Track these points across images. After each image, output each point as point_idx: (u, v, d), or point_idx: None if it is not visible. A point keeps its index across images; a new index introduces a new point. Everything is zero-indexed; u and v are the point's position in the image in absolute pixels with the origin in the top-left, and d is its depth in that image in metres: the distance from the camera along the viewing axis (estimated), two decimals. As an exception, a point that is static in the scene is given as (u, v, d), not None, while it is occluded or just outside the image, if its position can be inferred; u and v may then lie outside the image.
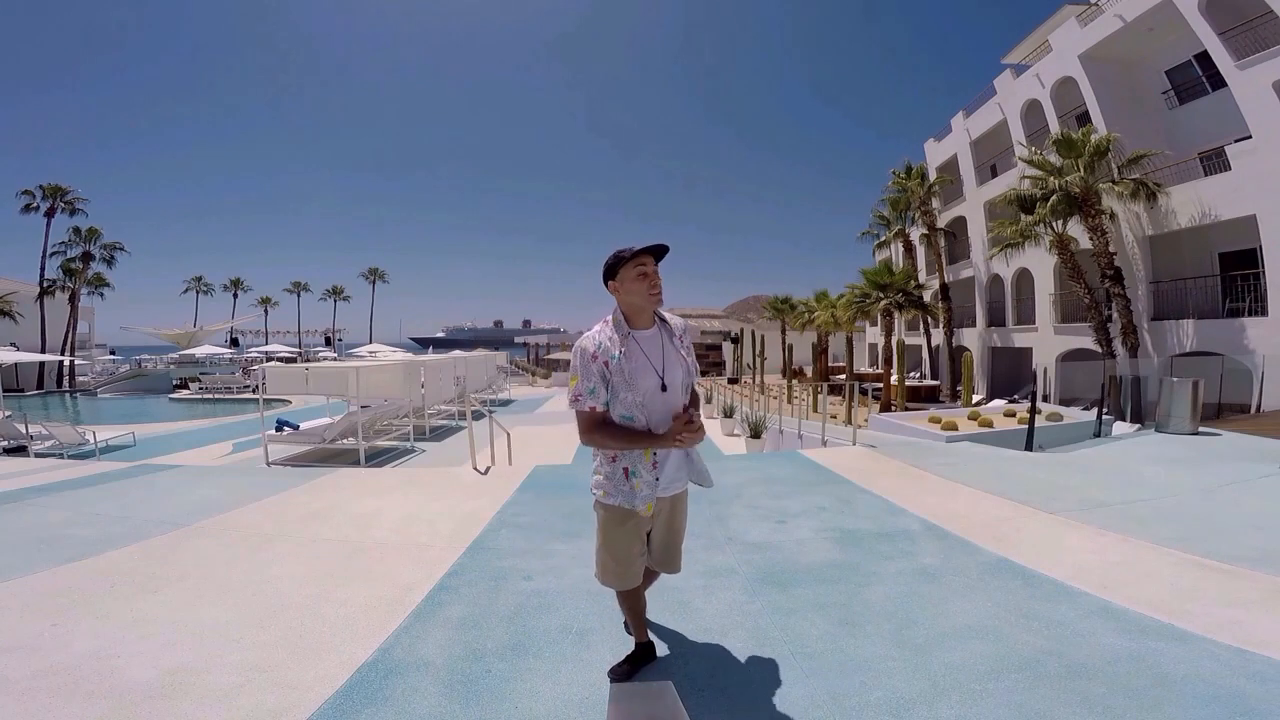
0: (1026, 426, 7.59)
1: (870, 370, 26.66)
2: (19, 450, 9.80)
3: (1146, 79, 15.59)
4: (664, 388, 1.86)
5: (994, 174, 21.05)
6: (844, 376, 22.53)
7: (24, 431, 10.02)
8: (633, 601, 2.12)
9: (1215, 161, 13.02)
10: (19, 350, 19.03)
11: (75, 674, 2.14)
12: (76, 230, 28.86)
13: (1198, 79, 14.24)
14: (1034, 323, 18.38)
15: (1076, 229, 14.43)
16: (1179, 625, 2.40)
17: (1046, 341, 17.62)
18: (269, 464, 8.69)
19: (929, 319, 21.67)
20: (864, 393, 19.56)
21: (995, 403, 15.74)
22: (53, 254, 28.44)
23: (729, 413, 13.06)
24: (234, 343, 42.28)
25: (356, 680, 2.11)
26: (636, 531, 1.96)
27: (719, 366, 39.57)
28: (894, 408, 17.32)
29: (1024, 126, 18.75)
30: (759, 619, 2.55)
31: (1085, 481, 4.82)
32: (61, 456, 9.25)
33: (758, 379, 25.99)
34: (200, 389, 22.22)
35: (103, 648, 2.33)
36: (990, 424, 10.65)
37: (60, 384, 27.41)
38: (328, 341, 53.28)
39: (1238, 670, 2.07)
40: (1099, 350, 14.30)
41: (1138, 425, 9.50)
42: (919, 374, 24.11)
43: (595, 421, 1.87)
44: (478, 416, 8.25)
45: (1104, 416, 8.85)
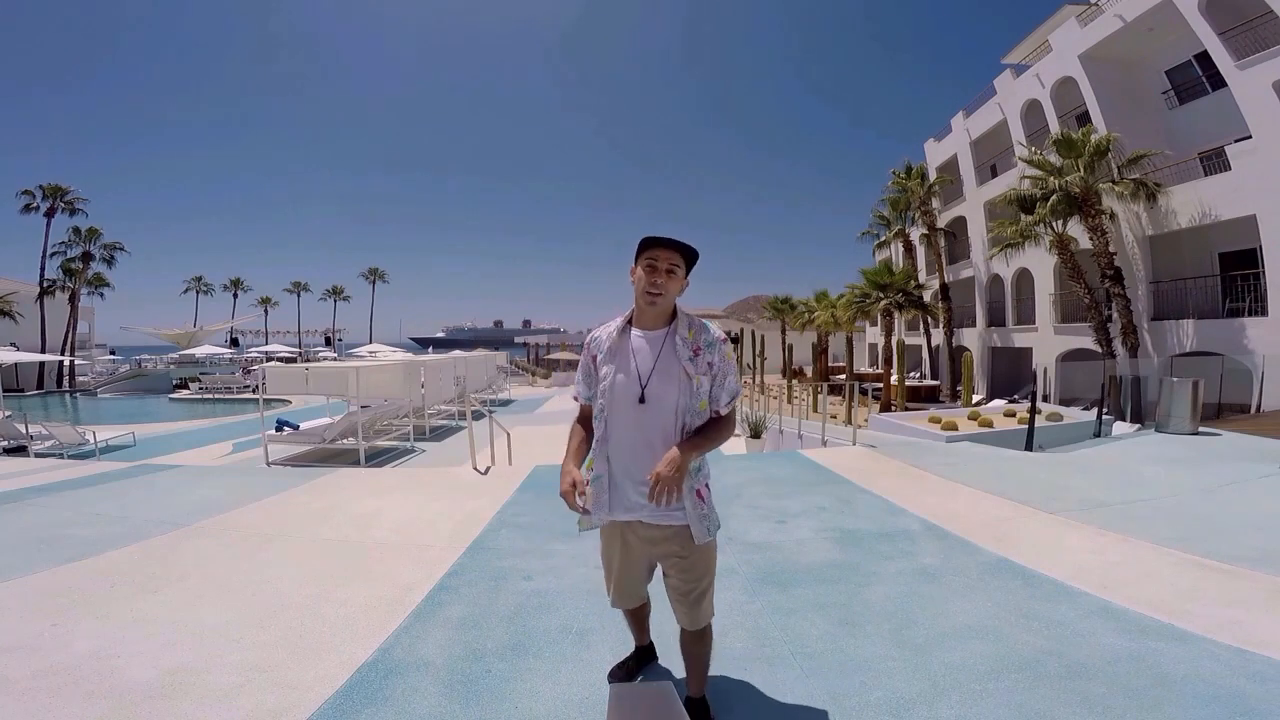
0: (1026, 426, 7.60)
1: (870, 370, 26.64)
2: (19, 450, 9.79)
3: (1146, 79, 15.58)
4: (642, 399, 1.63)
5: (994, 174, 21.04)
6: (844, 376, 22.49)
7: (24, 431, 10.02)
8: (631, 614, 2.05)
9: (1215, 161, 13.01)
10: (19, 350, 19.00)
11: (75, 674, 2.14)
12: (76, 230, 28.85)
13: (1198, 79, 14.23)
14: (1034, 323, 18.37)
15: (1076, 229, 14.42)
16: (1179, 625, 2.40)
17: (1046, 341, 17.61)
18: (269, 464, 8.69)
19: (929, 319, 21.66)
20: (864, 393, 19.53)
21: (995, 403, 15.74)
22: (53, 254, 28.44)
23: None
24: (234, 343, 42.24)
25: (356, 680, 2.11)
26: (616, 545, 1.79)
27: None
28: (894, 408, 17.31)
29: (1024, 126, 18.75)
30: (759, 619, 2.55)
31: (1085, 481, 4.82)
32: (61, 456, 9.25)
33: (758, 379, 25.98)
34: (200, 389, 22.18)
35: (103, 648, 2.33)
36: (990, 424, 10.65)
37: (60, 384, 27.37)
38: (328, 341, 53.25)
39: (1238, 670, 2.07)
40: (1099, 350, 14.29)
41: (1138, 425, 9.51)
42: (919, 374, 24.10)
43: (580, 415, 1.85)
44: (478, 416, 8.24)
45: (1104, 416, 8.86)
